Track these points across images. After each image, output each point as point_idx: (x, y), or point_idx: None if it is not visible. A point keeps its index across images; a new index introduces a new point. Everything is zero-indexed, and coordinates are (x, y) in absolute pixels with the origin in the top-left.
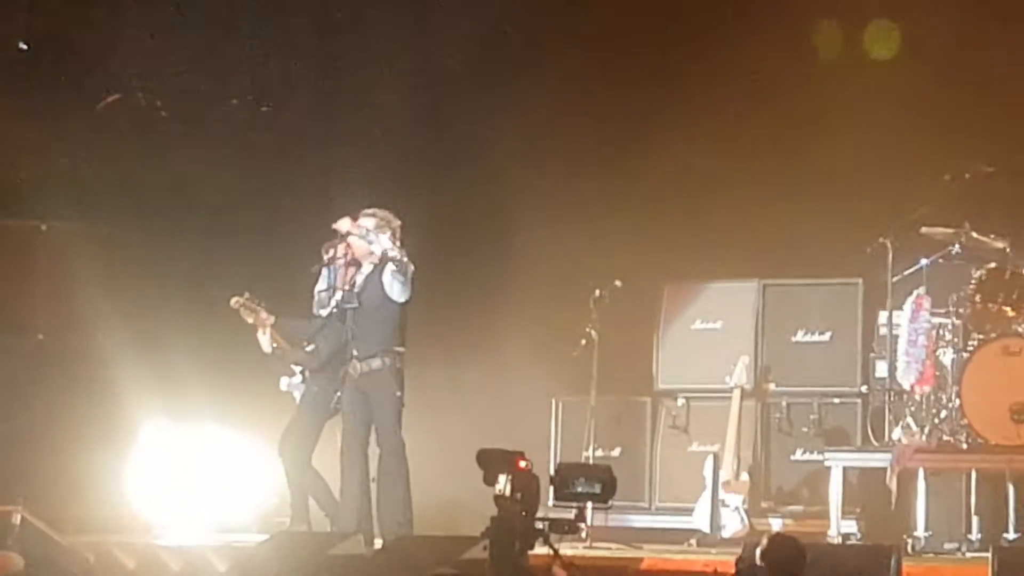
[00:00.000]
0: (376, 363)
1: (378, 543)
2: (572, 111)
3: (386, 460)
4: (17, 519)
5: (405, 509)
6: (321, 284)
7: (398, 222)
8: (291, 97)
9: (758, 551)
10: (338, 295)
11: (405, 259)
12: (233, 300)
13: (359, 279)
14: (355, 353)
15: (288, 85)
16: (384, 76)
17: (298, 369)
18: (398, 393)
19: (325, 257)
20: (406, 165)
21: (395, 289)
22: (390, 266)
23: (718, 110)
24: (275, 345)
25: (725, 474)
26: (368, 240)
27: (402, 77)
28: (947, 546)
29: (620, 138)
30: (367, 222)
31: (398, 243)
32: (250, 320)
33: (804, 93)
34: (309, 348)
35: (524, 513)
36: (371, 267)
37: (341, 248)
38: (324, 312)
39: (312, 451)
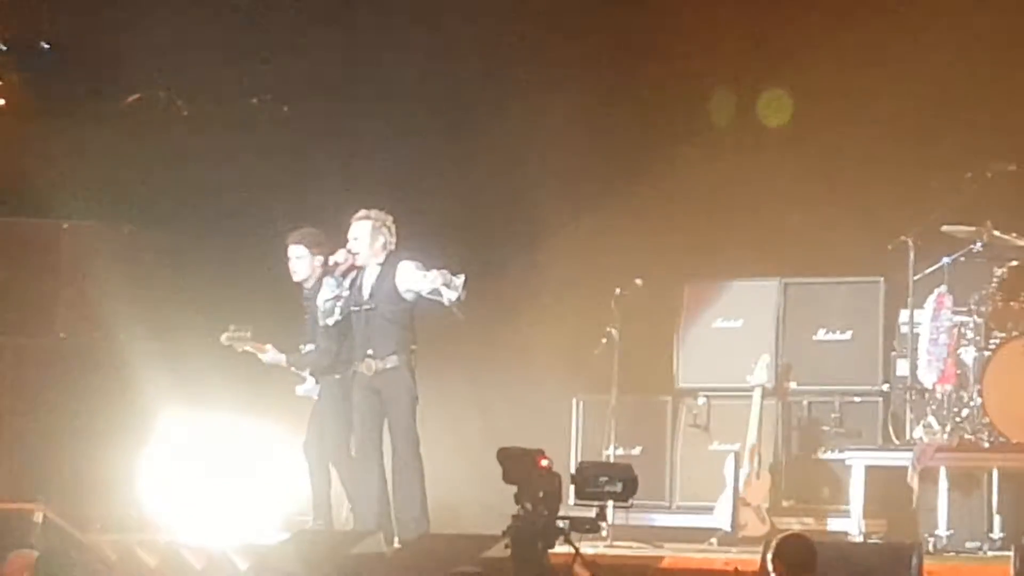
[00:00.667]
0: (392, 361)
1: (396, 541)
2: (593, 110)
3: (401, 457)
4: (39, 517)
5: (421, 506)
6: (326, 293)
7: (390, 218)
8: (311, 96)
9: (770, 553)
10: (342, 300)
11: (458, 282)
12: (223, 337)
13: (367, 281)
14: (370, 352)
15: (308, 85)
16: (405, 76)
17: (307, 373)
18: (412, 391)
19: (329, 264)
20: (427, 166)
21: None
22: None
23: (739, 108)
24: (286, 356)
25: (746, 473)
26: (437, 286)
27: (424, 77)
28: (968, 545)
29: (641, 137)
30: (360, 227)
31: (394, 239)
32: (247, 348)
33: (826, 90)
34: (308, 348)
35: (546, 512)
36: (378, 267)
37: (341, 255)
38: (331, 321)
39: (348, 442)
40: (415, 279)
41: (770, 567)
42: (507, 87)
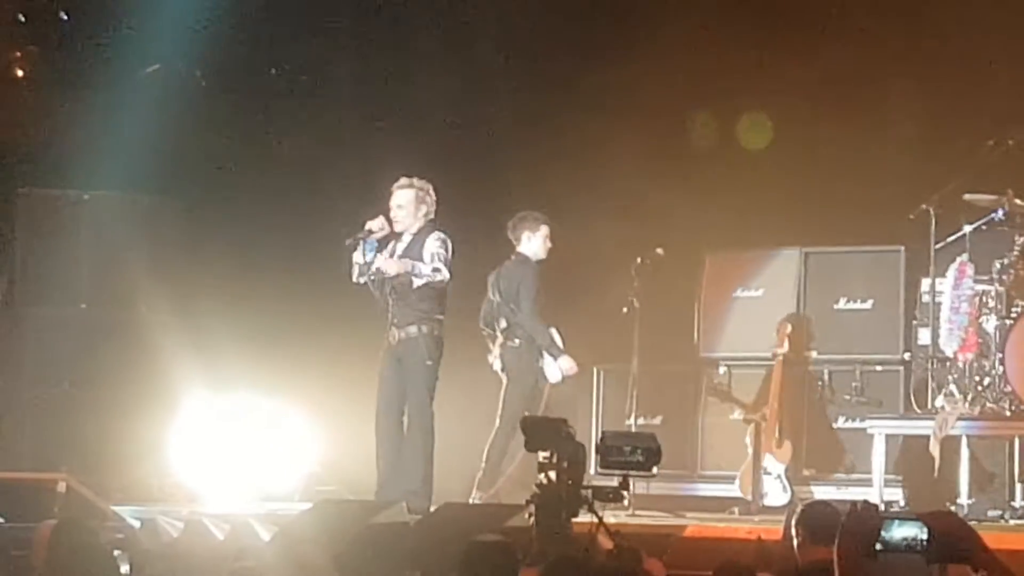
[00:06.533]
0: (413, 330)
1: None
2: (613, 80)
3: (411, 430)
4: (62, 487)
5: (422, 480)
6: (358, 257)
7: (431, 186)
8: (330, 66)
9: (793, 519)
10: (375, 266)
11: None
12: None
13: (399, 249)
14: (394, 320)
15: (327, 54)
16: (423, 45)
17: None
18: (429, 362)
19: (365, 230)
20: (445, 133)
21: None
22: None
23: (762, 77)
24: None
25: (767, 442)
26: (414, 274)
27: (441, 46)
28: (990, 513)
29: (661, 107)
30: (404, 195)
31: (434, 208)
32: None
33: (845, 59)
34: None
35: (569, 481)
36: (411, 237)
37: (378, 222)
38: (363, 280)
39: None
40: (433, 252)
41: (793, 534)
42: (527, 58)
